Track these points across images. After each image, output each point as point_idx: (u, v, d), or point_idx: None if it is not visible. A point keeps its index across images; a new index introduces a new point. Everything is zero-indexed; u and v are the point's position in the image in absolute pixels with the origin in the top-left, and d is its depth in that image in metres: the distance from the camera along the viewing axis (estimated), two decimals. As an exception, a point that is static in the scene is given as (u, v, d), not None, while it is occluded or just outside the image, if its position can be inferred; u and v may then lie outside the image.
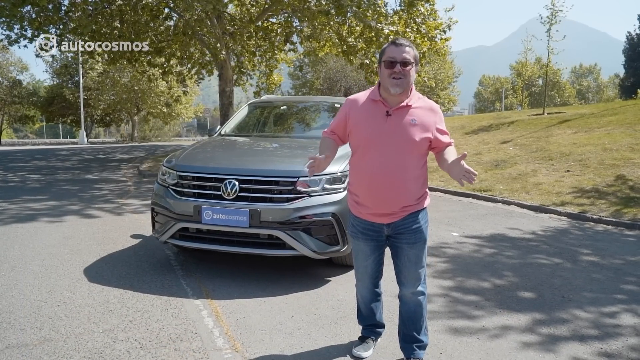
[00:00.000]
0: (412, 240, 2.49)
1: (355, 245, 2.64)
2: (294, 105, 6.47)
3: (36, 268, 4.20)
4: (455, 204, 8.13)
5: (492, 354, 2.80)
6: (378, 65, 2.47)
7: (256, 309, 3.40)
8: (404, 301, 2.63)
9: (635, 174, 8.28)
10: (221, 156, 4.50)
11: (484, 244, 5.39)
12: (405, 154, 2.39)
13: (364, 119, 2.44)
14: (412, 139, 2.37)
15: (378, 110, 2.42)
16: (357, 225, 2.58)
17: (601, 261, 4.77)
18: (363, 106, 2.48)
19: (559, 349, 2.87)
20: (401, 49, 2.35)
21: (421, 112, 2.42)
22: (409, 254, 2.51)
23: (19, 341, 2.82)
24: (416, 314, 2.61)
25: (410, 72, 2.36)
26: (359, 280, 2.74)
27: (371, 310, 2.78)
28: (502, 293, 3.82)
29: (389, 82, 2.36)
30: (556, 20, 16.47)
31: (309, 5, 12.11)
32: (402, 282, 2.60)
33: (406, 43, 2.37)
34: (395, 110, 2.40)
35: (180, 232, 3.96)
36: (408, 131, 2.37)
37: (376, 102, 2.44)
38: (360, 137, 2.45)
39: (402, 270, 2.57)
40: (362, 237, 2.57)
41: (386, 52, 2.39)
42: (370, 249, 2.57)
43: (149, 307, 3.37)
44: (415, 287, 2.57)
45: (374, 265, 2.63)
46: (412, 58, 2.36)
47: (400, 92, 2.37)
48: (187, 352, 2.73)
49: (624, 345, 2.93)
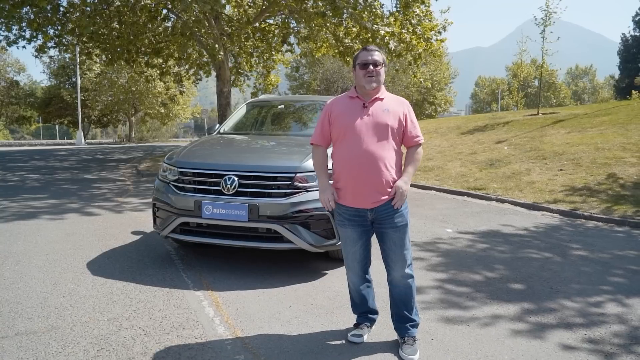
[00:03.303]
0: (394, 224, 2.73)
1: (343, 233, 2.85)
2: (291, 104, 6.60)
3: (40, 262, 4.31)
4: (450, 202, 8.26)
5: (481, 340, 2.93)
6: (352, 69, 2.87)
7: (255, 299, 3.52)
8: (394, 284, 2.84)
9: (626, 172, 8.44)
10: (221, 153, 4.62)
11: (477, 240, 5.52)
12: (382, 139, 2.69)
13: (343, 112, 2.79)
14: (385, 124, 2.72)
15: (356, 104, 2.79)
16: (343, 213, 2.80)
17: (590, 255, 4.91)
18: (342, 103, 2.85)
19: (546, 336, 3.00)
20: (371, 53, 2.76)
21: (392, 103, 2.81)
22: (393, 238, 2.75)
23: (27, 328, 2.93)
24: (406, 296, 2.82)
25: (380, 70, 2.76)
26: (349, 268, 2.93)
27: (363, 297, 2.95)
28: (493, 285, 3.95)
29: (364, 80, 2.74)
30: (550, 22, 16.65)
31: (306, 7, 12.25)
32: (390, 266, 2.82)
33: (375, 48, 2.79)
34: (370, 102, 2.77)
35: (181, 227, 4.08)
36: (382, 117, 2.73)
37: (353, 98, 2.82)
38: (340, 127, 2.76)
39: (389, 254, 2.80)
40: (349, 224, 2.79)
41: (359, 57, 2.79)
42: (357, 234, 2.79)
43: (151, 298, 3.48)
44: (403, 270, 2.78)
45: (362, 250, 2.84)
46: (381, 60, 2.76)
47: (374, 87, 2.74)
48: (189, 339, 2.85)
49: (607, 332, 3.07)
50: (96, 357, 2.61)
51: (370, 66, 2.72)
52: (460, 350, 2.80)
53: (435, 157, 12.60)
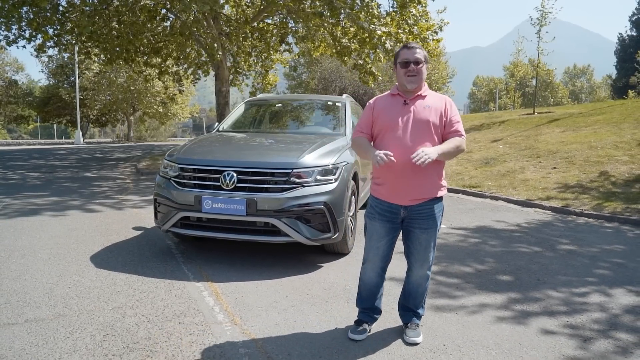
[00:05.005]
0: (424, 226, 2.77)
1: (371, 226, 2.87)
2: (289, 103, 6.74)
3: (45, 256, 4.45)
4: (445, 199, 8.39)
5: (468, 326, 3.08)
6: (394, 67, 2.85)
7: (253, 290, 3.66)
8: (411, 281, 2.94)
9: (618, 170, 8.61)
10: (220, 150, 4.76)
11: (470, 235, 5.67)
12: (423, 135, 2.69)
13: (385, 108, 2.82)
14: (427, 120, 2.71)
15: (397, 101, 2.80)
16: (376, 206, 2.83)
17: (578, 249, 5.07)
18: (384, 100, 2.87)
19: (529, 322, 3.15)
20: (413, 51, 2.73)
21: (434, 100, 2.80)
22: (420, 238, 2.79)
23: (35, 316, 3.08)
24: (418, 293, 2.94)
25: (422, 69, 2.74)
26: (369, 261, 2.91)
27: (372, 294, 2.98)
28: (482, 276, 4.11)
29: (405, 79, 2.74)
30: (546, 22, 16.83)
31: (304, 7, 12.39)
32: (412, 263, 2.89)
33: (416, 45, 2.77)
34: (411, 99, 2.77)
35: (181, 221, 4.22)
36: (423, 114, 2.73)
37: (395, 95, 2.83)
38: (382, 122, 2.78)
39: (412, 253, 2.86)
40: (379, 218, 2.81)
41: (400, 55, 2.76)
42: (385, 230, 2.81)
43: (153, 289, 3.63)
44: (424, 270, 2.86)
45: (387, 247, 2.86)
46: (422, 57, 2.74)
47: (415, 87, 2.75)
48: (190, 326, 3.00)
49: (588, 319, 3.22)
50: (102, 341, 2.76)
51: (412, 65, 2.70)
52: (448, 335, 2.95)
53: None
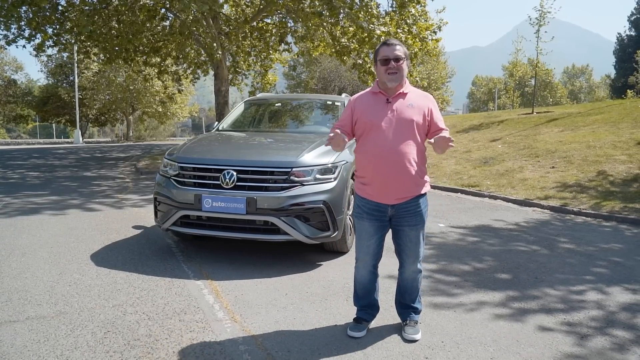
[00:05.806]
0: (413, 222, 2.79)
1: (360, 226, 2.88)
2: (288, 102, 6.76)
3: (45, 254, 4.46)
4: (444, 198, 8.45)
5: (466, 323, 3.10)
6: (374, 65, 2.81)
7: (253, 288, 3.69)
8: (403, 277, 2.96)
9: (616, 170, 8.64)
10: (220, 149, 4.78)
11: (468, 234, 5.70)
12: (406, 134, 2.69)
13: (367, 107, 2.78)
14: (410, 119, 2.70)
15: (379, 100, 2.77)
16: (363, 206, 2.83)
17: (576, 248, 5.10)
18: (366, 98, 2.83)
19: (527, 320, 3.18)
20: (392, 48, 2.70)
21: (416, 98, 2.78)
22: (409, 235, 2.82)
23: (37, 314, 3.10)
24: (412, 288, 2.96)
25: (402, 66, 2.71)
26: (360, 260, 2.94)
27: (368, 291, 3.00)
28: (481, 275, 4.13)
29: (385, 77, 2.71)
30: (545, 22, 16.85)
31: (303, 7, 12.41)
32: (403, 259, 2.91)
33: (396, 42, 2.72)
34: (393, 97, 2.75)
35: (181, 220, 4.24)
36: (406, 112, 2.71)
37: (376, 93, 2.80)
38: (365, 121, 2.75)
39: (403, 249, 2.88)
40: (367, 218, 2.82)
41: (380, 52, 2.74)
42: (374, 229, 2.82)
43: (153, 287, 3.65)
44: (415, 265, 2.89)
45: (376, 245, 2.88)
46: (402, 54, 2.71)
47: (396, 85, 2.73)
48: (191, 323, 3.02)
49: (585, 317, 3.25)
50: (103, 338, 2.78)
51: (392, 62, 2.67)
52: (446, 332, 2.97)
53: (430, 154, 12.75)
